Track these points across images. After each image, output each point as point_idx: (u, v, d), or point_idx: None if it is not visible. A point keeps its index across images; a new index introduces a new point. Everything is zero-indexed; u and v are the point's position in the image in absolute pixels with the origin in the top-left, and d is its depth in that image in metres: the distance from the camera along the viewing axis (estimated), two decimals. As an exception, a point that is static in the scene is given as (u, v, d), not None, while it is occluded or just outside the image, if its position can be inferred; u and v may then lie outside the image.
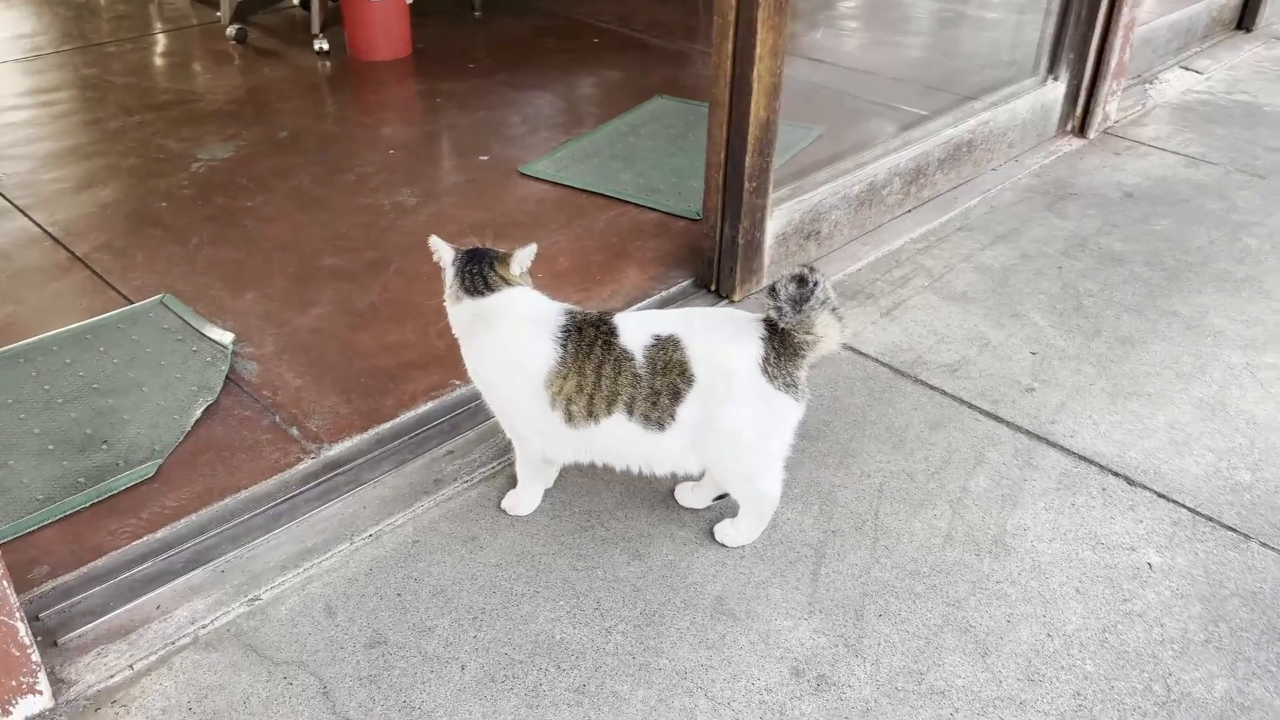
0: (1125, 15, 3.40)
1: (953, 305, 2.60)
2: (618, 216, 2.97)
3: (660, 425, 1.64)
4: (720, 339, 1.64)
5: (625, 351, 1.63)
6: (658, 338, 1.63)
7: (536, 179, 3.18)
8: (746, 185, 2.43)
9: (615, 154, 3.35)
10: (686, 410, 1.62)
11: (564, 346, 1.64)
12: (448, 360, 2.17)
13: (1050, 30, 3.42)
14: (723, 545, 1.80)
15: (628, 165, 3.27)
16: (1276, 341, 2.46)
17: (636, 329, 1.66)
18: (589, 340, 1.64)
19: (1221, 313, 2.57)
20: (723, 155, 2.44)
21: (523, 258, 1.71)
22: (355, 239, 2.82)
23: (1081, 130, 3.61)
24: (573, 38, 4.48)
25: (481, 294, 1.68)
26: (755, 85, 2.29)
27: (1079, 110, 3.59)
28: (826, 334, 1.62)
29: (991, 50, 4.47)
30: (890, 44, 4.64)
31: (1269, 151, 3.54)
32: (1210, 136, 3.65)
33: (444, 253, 1.73)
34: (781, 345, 1.61)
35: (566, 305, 1.71)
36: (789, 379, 1.62)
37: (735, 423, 1.63)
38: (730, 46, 2.28)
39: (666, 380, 1.62)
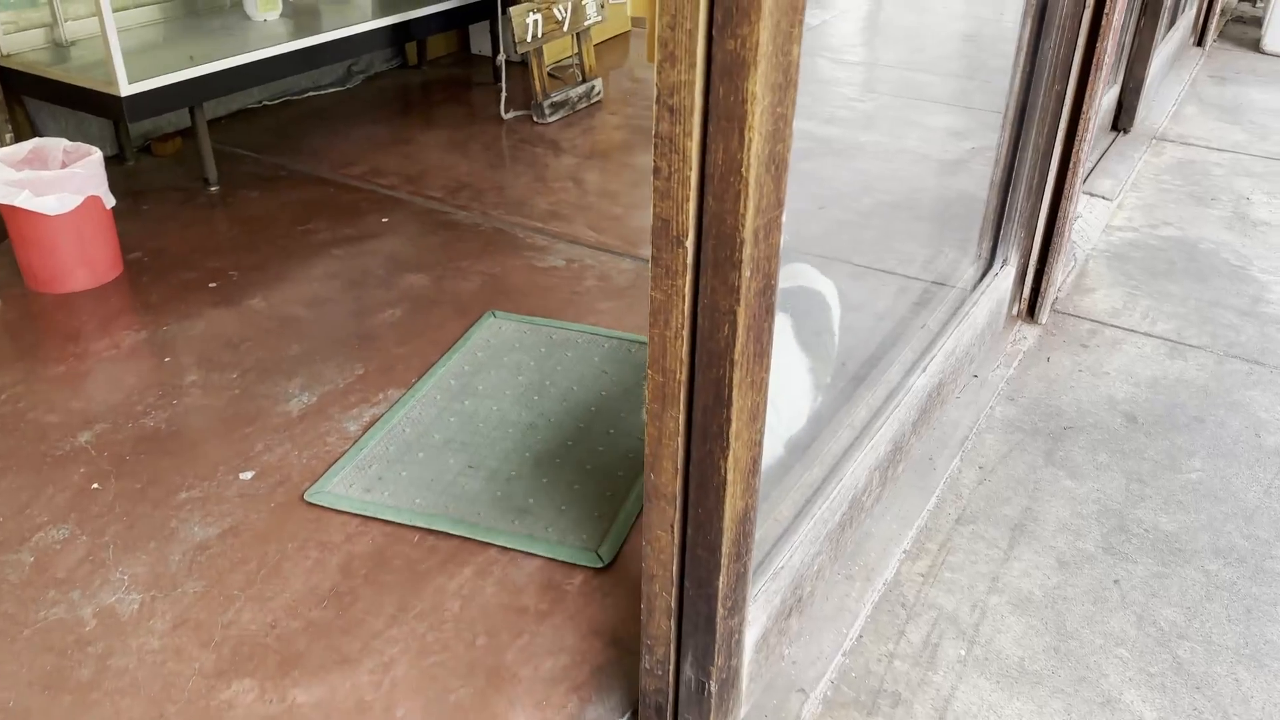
0: (1078, 180, 2.67)
1: (1015, 692, 1.71)
2: (477, 578, 1.92)
3: None
4: None
5: None
6: None
7: (334, 511, 2.07)
8: (720, 610, 1.45)
9: (450, 437, 2.29)
10: None
11: None
12: None
13: (993, 207, 2.64)
14: None
15: (472, 457, 2.22)
16: None
17: None
18: None
19: (1377, 659, 1.81)
20: (675, 569, 1.45)
21: None
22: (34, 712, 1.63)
23: (1031, 313, 2.86)
24: (350, 217, 3.37)
25: None
26: (730, 472, 1.32)
27: (1027, 291, 2.84)
28: None
29: (907, 234, 3.71)
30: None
31: (1242, 317, 2.90)
32: (1167, 300, 2.99)
33: None
34: None
35: None
36: None
37: None
38: (679, 421, 1.30)
39: None
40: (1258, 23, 6.00)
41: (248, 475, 2.18)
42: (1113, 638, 1.86)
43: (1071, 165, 2.62)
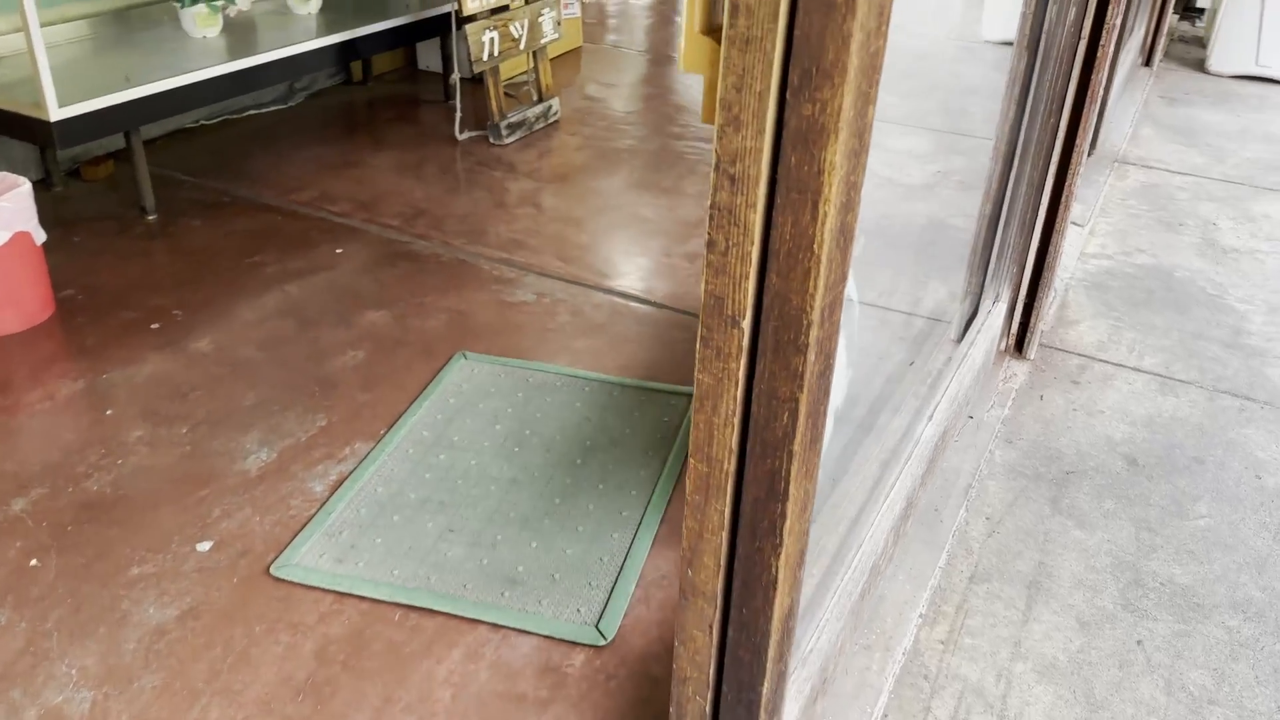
0: (1070, 212, 2.61)
1: (1059, 785, 1.61)
2: (468, 662, 1.75)
3: None
4: None
5: None
6: None
7: (305, 587, 1.89)
8: (761, 715, 1.31)
9: (427, 496, 2.12)
10: None
11: None
12: None
13: (983, 240, 2.56)
14: None
15: (452, 519, 2.06)
16: None
17: None
18: None
19: None
20: (711, 672, 1.31)
21: None
22: None
23: (1020, 348, 2.78)
24: (301, 248, 3.17)
25: None
26: (780, 570, 1.19)
27: (1015, 326, 2.76)
28: None
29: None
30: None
31: (1226, 349, 2.87)
32: (1151, 332, 2.95)
33: None
34: None
35: None
36: None
37: None
38: (725, 515, 1.16)
39: None
40: (1199, 42, 6.08)
41: (206, 546, 1.98)
42: (1144, 705, 1.77)
43: (1064, 197, 2.55)
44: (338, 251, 3.16)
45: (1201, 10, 6.37)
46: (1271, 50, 5.22)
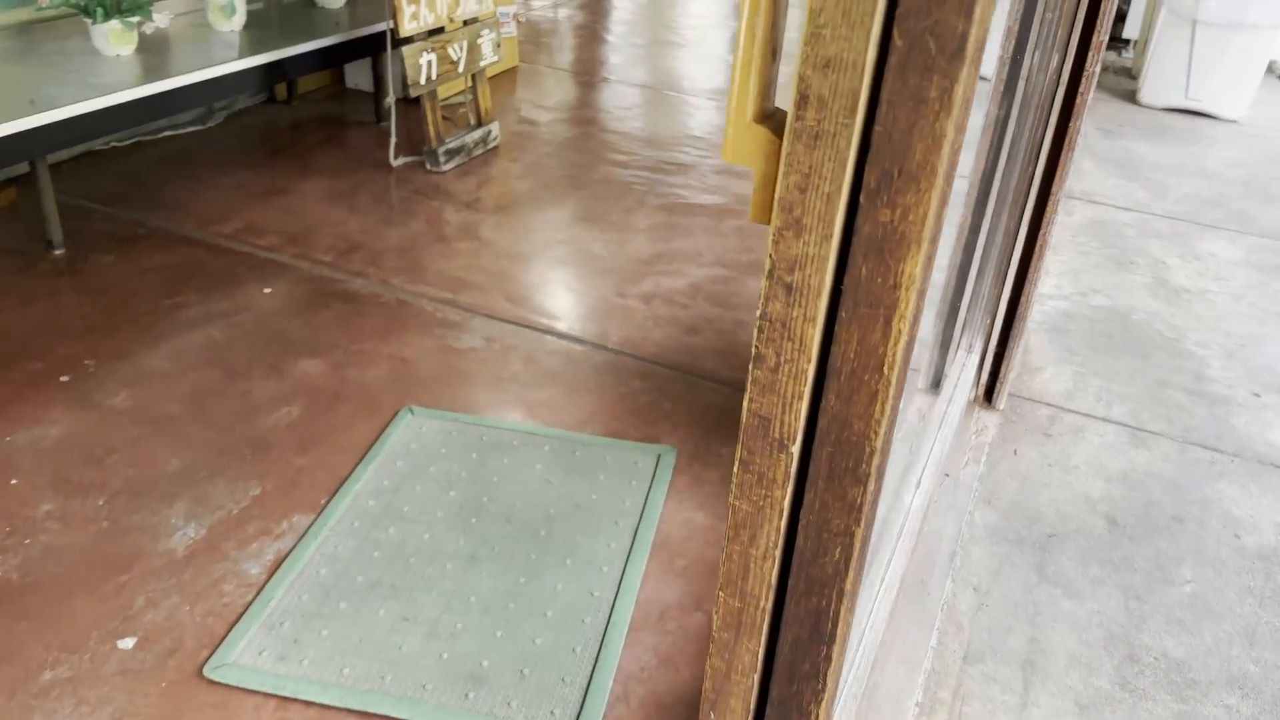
0: (1044, 260, 2.53)
1: None
2: (430, 776, 1.57)
3: None
4: None
5: None
6: None
7: (244, 691, 1.69)
8: None
9: (376, 578, 1.93)
10: None
11: None
12: None
13: (953, 290, 2.46)
14: None
15: (406, 605, 1.87)
16: None
17: None
18: None
19: None
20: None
21: None
22: None
23: (989, 397, 2.70)
24: (225, 286, 2.93)
25: None
26: (820, 717, 1.04)
27: (985, 376, 2.68)
28: None
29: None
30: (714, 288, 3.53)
31: (1191, 397, 2.83)
32: (1115, 378, 2.90)
33: None
34: None
35: None
36: None
37: None
38: (758, 656, 1.02)
39: None
40: (1128, 73, 6.17)
41: (129, 643, 1.76)
42: (1154, 801, 1.67)
43: (1039, 245, 2.48)
44: (266, 291, 2.93)
45: (1128, 41, 6.47)
46: (1201, 84, 5.31)
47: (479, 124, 4.08)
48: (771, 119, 0.84)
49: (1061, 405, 2.76)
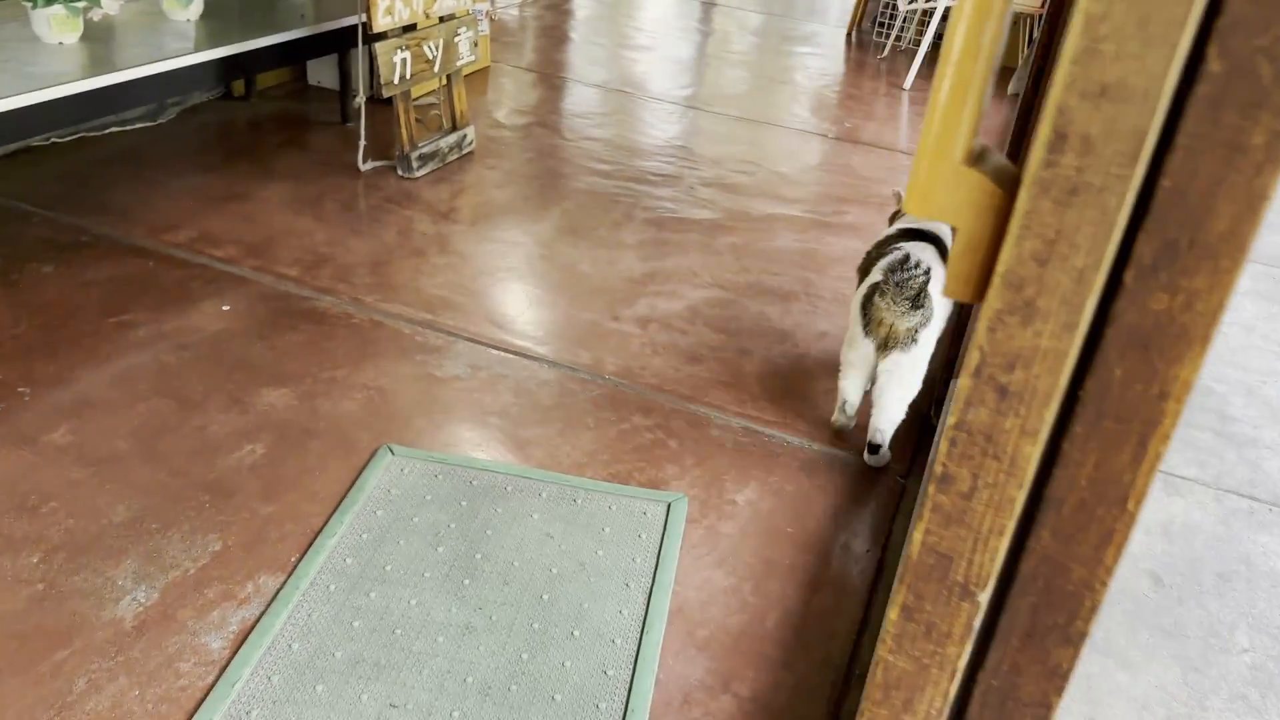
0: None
1: None
2: None
3: None
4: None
5: None
6: None
7: (207, 799, 1.42)
8: None
9: (357, 655, 1.68)
10: None
11: None
12: None
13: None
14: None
15: (393, 688, 1.62)
16: None
17: None
18: None
19: None
20: None
21: None
22: None
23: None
24: (179, 304, 2.65)
25: None
26: None
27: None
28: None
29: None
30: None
31: (1219, 439, 2.68)
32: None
33: None
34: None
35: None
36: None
37: None
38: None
39: None
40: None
41: (64, 741, 1.49)
42: None
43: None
44: (225, 309, 2.65)
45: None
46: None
47: (454, 127, 3.82)
48: (982, 161, 0.62)
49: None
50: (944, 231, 2.37)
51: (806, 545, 2.07)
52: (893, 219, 2.55)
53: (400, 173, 3.58)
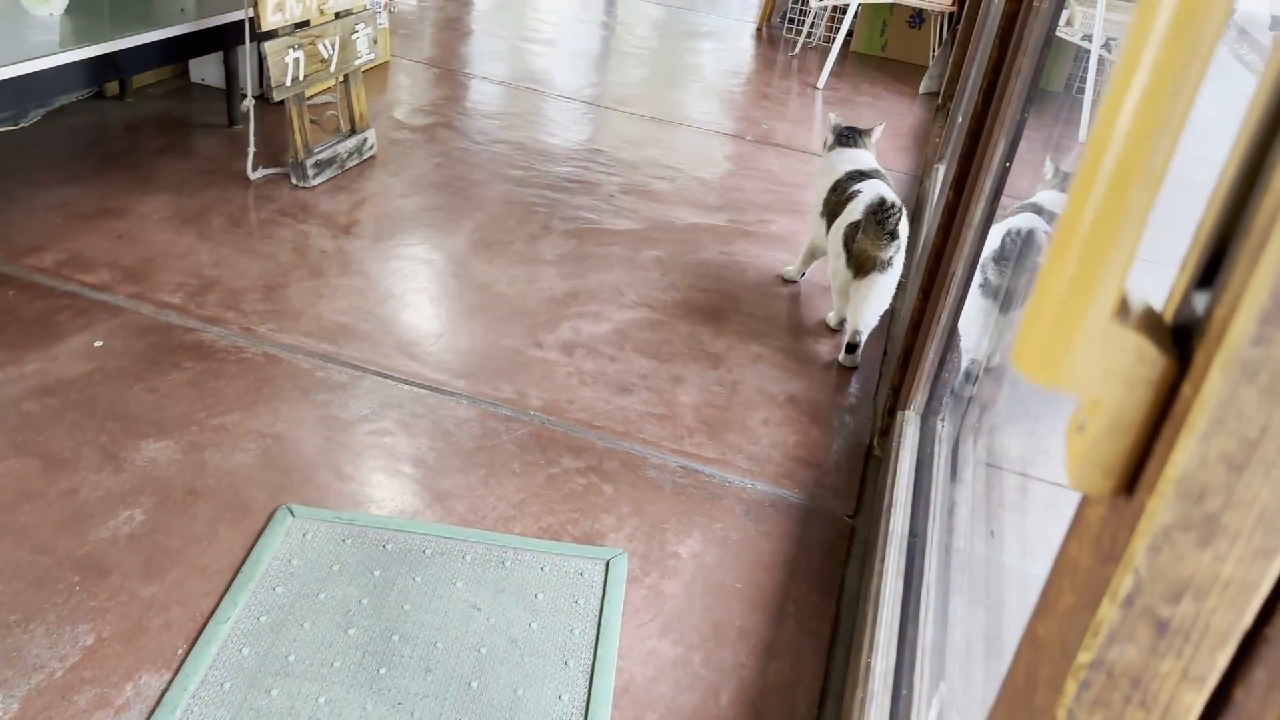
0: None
1: None
2: None
3: None
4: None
5: None
6: None
7: None
8: None
9: (256, 771, 1.44)
10: None
11: None
12: None
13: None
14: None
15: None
16: None
17: None
18: None
19: None
20: None
21: None
22: None
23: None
24: (41, 340, 2.35)
25: None
26: None
27: (961, 445, 2.37)
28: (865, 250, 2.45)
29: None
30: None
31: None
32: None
33: None
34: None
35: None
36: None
37: None
38: None
39: None
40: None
41: None
42: None
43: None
44: (97, 345, 2.36)
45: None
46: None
47: (353, 130, 3.55)
48: (1127, 314, 0.44)
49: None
50: (881, 168, 2.82)
51: (757, 603, 1.90)
52: (830, 148, 2.94)
53: (295, 181, 3.30)
